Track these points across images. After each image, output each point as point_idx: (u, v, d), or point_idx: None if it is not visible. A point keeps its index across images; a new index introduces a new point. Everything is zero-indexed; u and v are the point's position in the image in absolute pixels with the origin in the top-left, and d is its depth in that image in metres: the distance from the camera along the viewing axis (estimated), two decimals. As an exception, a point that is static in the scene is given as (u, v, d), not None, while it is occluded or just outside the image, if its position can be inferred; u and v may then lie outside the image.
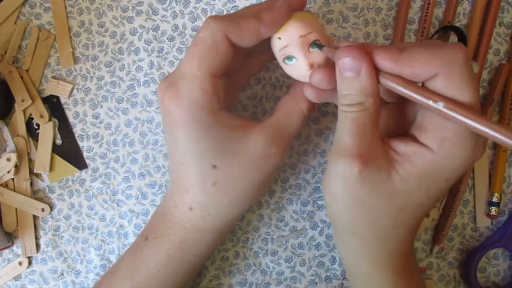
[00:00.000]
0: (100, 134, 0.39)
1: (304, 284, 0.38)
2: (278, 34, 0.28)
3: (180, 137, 0.28)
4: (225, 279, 0.38)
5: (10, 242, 0.38)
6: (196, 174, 0.29)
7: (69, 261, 0.39)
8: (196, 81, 0.27)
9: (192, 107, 0.27)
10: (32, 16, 0.39)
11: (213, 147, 0.28)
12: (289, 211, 0.38)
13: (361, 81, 0.25)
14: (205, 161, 0.28)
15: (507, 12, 0.38)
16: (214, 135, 0.28)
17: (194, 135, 0.28)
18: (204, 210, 0.30)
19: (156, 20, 0.38)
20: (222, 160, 0.29)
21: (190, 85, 0.27)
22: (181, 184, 0.30)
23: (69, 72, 0.39)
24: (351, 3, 0.38)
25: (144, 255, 0.31)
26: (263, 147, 0.29)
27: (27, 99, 0.38)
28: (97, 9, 0.39)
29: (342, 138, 0.26)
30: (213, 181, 0.29)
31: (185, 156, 0.29)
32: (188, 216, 0.30)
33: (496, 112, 0.38)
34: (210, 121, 0.28)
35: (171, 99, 0.28)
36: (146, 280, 0.31)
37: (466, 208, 0.38)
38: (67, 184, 0.39)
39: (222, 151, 0.28)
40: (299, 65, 0.28)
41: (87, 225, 0.39)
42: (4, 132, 0.39)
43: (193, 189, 0.29)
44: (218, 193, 0.29)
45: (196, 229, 0.31)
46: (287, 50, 0.28)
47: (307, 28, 0.28)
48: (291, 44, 0.28)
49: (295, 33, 0.28)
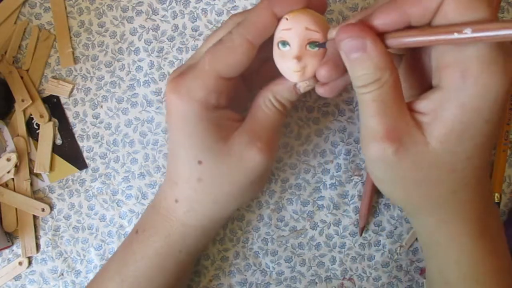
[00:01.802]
0: (100, 134, 0.39)
1: (304, 284, 0.38)
2: (287, 15, 0.27)
3: (174, 127, 0.29)
4: (225, 279, 0.38)
5: (10, 242, 0.38)
6: (184, 168, 0.29)
7: (69, 261, 0.39)
8: (201, 74, 0.27)
9: (190, 100, 0.27)
10: (32, 16, 0.39)
11: (200, 143, 0.28)
12: (289, 211, 0.38)
13: (370, 57, 0.23)
14: (191, 155, 0.28)
15: (507, 12, 0.38)
16: (203, 131, 0.28)
17: (185, 127, 0.28)
18: (188, 204, 0.30)
19: (156, 20, 0.38)
20: (208, 156, 0.28)
21: (195, 77, 0.27)
22: (172, 175, 0.30)
23: (69, 72, 0.39)
24: (351, 3, 0.38)
25: (133, 248, 0.32)
26: (247, 144, 0.29)
27: (27, 99, 0.38)
28: (97, 9, 0.39)
29: (368, 122, 0.25)
30: (198, 177, 0.29)
31: (176, 148, 0.29)
32: (173, 208, 0.30)
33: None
34: (202, 117, 0.28)
35: (173, 88, 0.28)
36: (134, 274, 0.31)
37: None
38: (67, 184, 0.39)
39: (208, 148, 0.28)
40: (288, 54, 0.27)
41: (87, 225, 0.39)
42: (4, 132, 0.39)
43: (180, 182, 0.30)
44: (202, 189, 0.29)
45: (180, 223, 0.31)
46: (287, 34, 0.27)
47: (316, 26, 0.27)
48: (293, 30, 0.27)
49: (303, 23, 0.26)
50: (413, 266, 0.38)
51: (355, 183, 0.38)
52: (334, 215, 0.38)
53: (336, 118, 0.38)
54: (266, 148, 0.29)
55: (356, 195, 0.38)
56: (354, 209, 0.38)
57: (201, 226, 0.31)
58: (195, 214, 0.30)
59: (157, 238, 0.31)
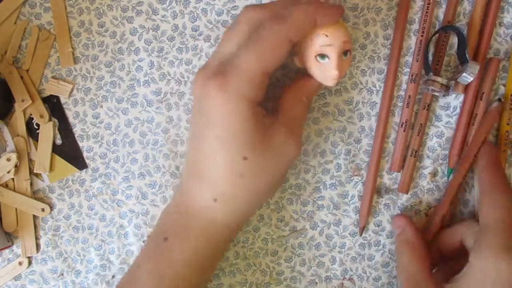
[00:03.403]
0: (100, 134, 0.39)
1: (304, 284, 0.38)
2: (324, 31, 0.29)
3: (217, 125, 0.29)
4: (225, 279, 0.38)
5: (10, 242, 0.38)
6: (226, 164, 0.29)
7: (69, 261, 0.39)
8: (250, 74, 0.28)
9: (238, 98, 0.28)
10: (32, 16, 0.39)
11: (247, 139, 0.29)
12: (289, 211, 0.38)
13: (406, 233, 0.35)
14: (237, 152, 0.29)
15: (507, 12, 0.38)
16: (250, 128, 0.29)
17: (233, 125, 0.28)
18: (229, 201, 0.30)
19: (156, 20, 0.38)
20: (253, 152, 0.29)
21: (243, 77, 0.28)
22: (206, 174, 0.30)
23: (69, 72, 0.39)
24: (351, 3, 0.38)
25: (167, 256, 0.31)
26: (283, 140, 0.30)
27: (27, 99, 0.38)
28: (97, 9, 0.39)
29: None
30: (241, 173, 0.29)
31: (215, 145, 0.29)
32: (210, 207, 0.30)
33: (496, 112, 0.38)
34: (250, 114, 0.29)
35: (218, 86, 0.28)
36: (174, 284, 0.31)
37: (466, 208, 0.38)
38: (67, 184, 0.39)
39: (254, 144, 0.29)
40: (329, 66, 0.30)
41: (87, 225, 0.39)
42: (4, 132, 0.39)
43: (220, 179, 0.30)
44: (243, 185, 0.30)
45: (218, 221, 0.31)
46: (327, 49, 0.29)
47: (348, 36, 0.29)
48: (333, 45, 0.29)
49: (341, 38, 0.29)
50: (413, 266, 0.38)
51: (355, 183, 0.38)
52: (334, 215, 0.38)
53: (336, 118, 0.38)
54: (296, 145, 0.31)
55: (356, 195, 0.38)
56: (354, 209, 0.38)
57: (237, 222, 0.32)
58: (233, 211, 0.31)
59: (195, 243, 0.31)
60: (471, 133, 0.37)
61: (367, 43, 0.38)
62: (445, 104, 0.38)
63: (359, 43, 0.38)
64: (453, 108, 0.38)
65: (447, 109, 0.38)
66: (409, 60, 0.38)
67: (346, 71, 0.31)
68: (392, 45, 0.37)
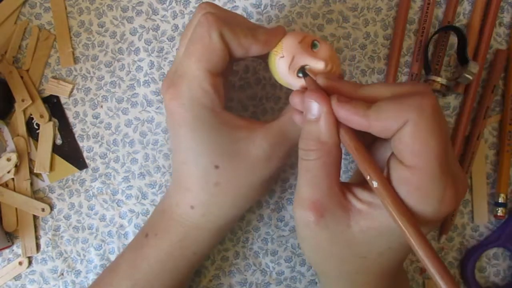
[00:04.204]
0: (100, 134, 0.39)
1: (304, 284, 0.38)
2: (278, 54, 0.27)
3: (183, 137, 0.28)
4: (225, 279, 0.38)
5: (10, 242, 0.38)
6: (198, 174, 0.29)
7: (69, 261, 0.39)
8: (196, 80, 0.27)
9: (194, 107, 0.27)
10: (32, 16, 0.39)
11: (215, 147, 0.28)
12: (289, 211, 0.38)
13: (318, 127, 0.25)
14: (207, 161, 0.28)
15: (507, 12, 0.38)
16: (217, 135, 0.28)
17: (196, 135, 0.28)
18: (205, 209, 0.30)
19: (156, 20, 0.38)
20: (224, 160, 0.28)
21: (191, 85, 0.27)
22: (182, 183, 0.30)
23: (69, 72, 0.39)
24: (351, 3, 0.38)
25: (144, 252, 0.31)
26: (267, 150, 0.29)
27: (27, 99, 0.38)
28: (97, 9, 0.39)
29: (299, 186, 0.26)
30: (216, 181, 0.29)
31: (187, 156, 0.29)
32: (189, 214, 0.30)
33: (497, 112, 0.38)
34: (213, 121, 0.28)
35: (172, 100, 0.28)
36: (146, 278, 0.31)
37: (466, 208, 0.38)
38: (67, 184, 0.39)
39: (224, 152, 0.28)
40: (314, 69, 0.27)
41: (87, 225, 0.39)
42: (4, 132, 0.39)
43: (195, 188, 0.29)
44: (220, 192, 0.29)
45: (196, 226, 0.31)
46: (295, 62, 0.27)
47: (299, 34, 0.28)
48: (296, 55, 0.27)
49: (294, 41, 0.27)
50: (413, 266, 0.38)
51: (355, 183, 0.38)
52: (334, 215, 0.38)
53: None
54: (284, 157, 0.30)
55: (356, 195, 0.38)
56: (354, 209, 0.38)
57: (217, 228, 0.31)
58: (212, 218, 0.30)
59: (171, 242, 0.31)
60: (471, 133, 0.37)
61: (367, 43, 0.38)
62: (445, 104, 0.38)
63: (359, 43, 0.38)
64: (453, 108, 0.38)
65: (447, 109, 0.38)
66: (409, 60, 0.38)
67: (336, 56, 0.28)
68: (392, 45, 0.37)
